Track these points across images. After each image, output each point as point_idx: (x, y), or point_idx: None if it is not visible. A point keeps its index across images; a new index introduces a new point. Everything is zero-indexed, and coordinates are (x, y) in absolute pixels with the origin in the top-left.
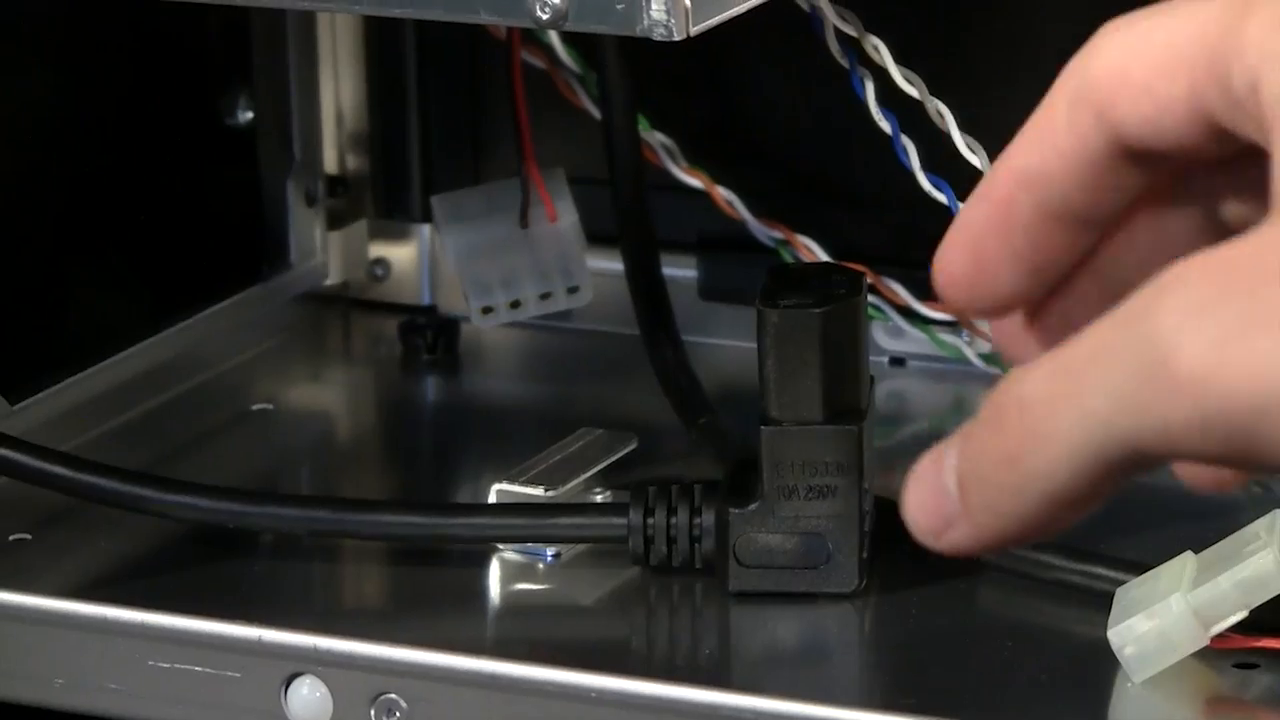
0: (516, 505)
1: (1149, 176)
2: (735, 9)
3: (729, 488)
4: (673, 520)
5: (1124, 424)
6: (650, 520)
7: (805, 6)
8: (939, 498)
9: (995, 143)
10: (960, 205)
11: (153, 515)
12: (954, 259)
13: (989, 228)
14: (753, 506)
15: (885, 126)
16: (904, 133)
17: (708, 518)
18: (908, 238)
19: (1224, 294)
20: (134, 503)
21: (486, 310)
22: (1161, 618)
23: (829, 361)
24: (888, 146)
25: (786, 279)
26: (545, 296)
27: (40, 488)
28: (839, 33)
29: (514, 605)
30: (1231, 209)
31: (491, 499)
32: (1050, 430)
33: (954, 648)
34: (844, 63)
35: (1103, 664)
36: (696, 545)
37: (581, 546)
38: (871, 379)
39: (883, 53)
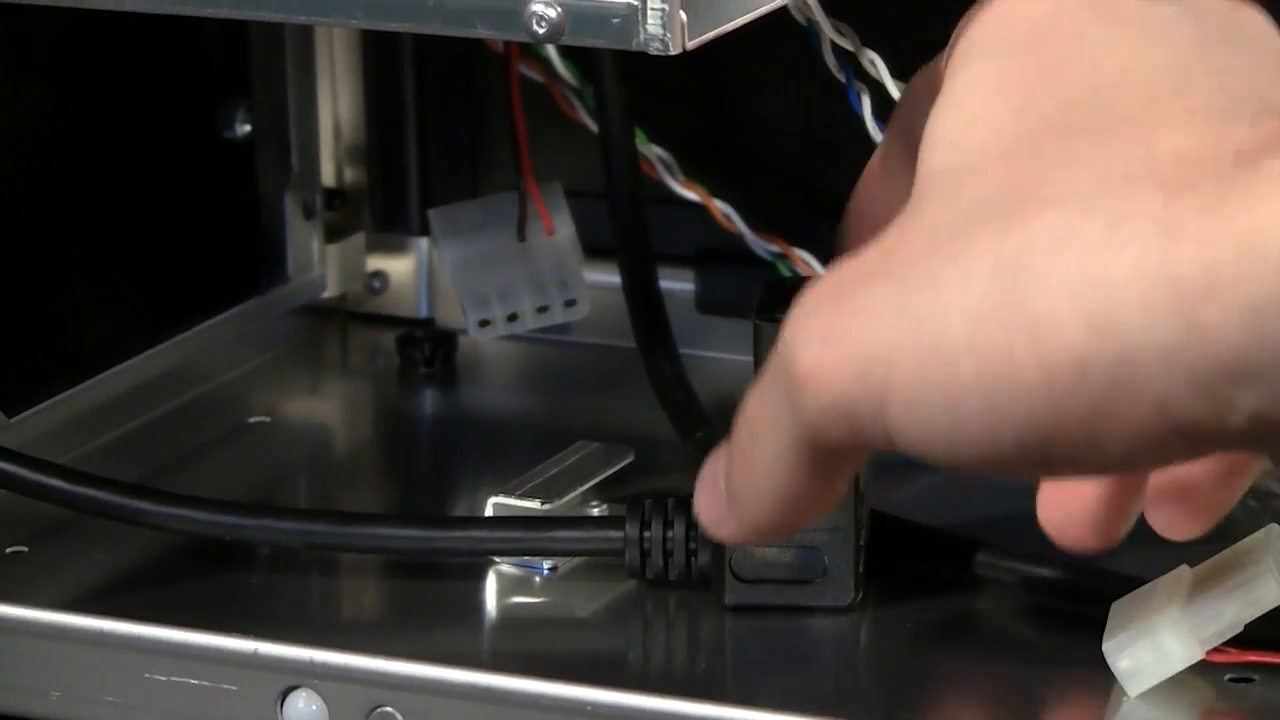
0: (513, 519)
1: None
2: (731, 23)
3: None
4: (669, 534)
5: (791, 427)
6: (646, 534)
7: (802, 20)
8: (715, 495)
9: None
10: None
11: (149, 528)
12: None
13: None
14: None
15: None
16: None
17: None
18: None
19: (826, 300)
20: (131, 516)
21: (484, 323)
22: (1157, 632)
23: None
24: None
25: (782, 292)
26: (542, 310)
27: (37, 500)
28: (836, 47)
29: (510, 618)
30: None
31: (488, 512)
32: (760, 439)
33: (949, 661)
34: (841, 77)
35: (1098, 678)
36: (693, 559)
37: (578, 560)
38: None
39: (880, 67)
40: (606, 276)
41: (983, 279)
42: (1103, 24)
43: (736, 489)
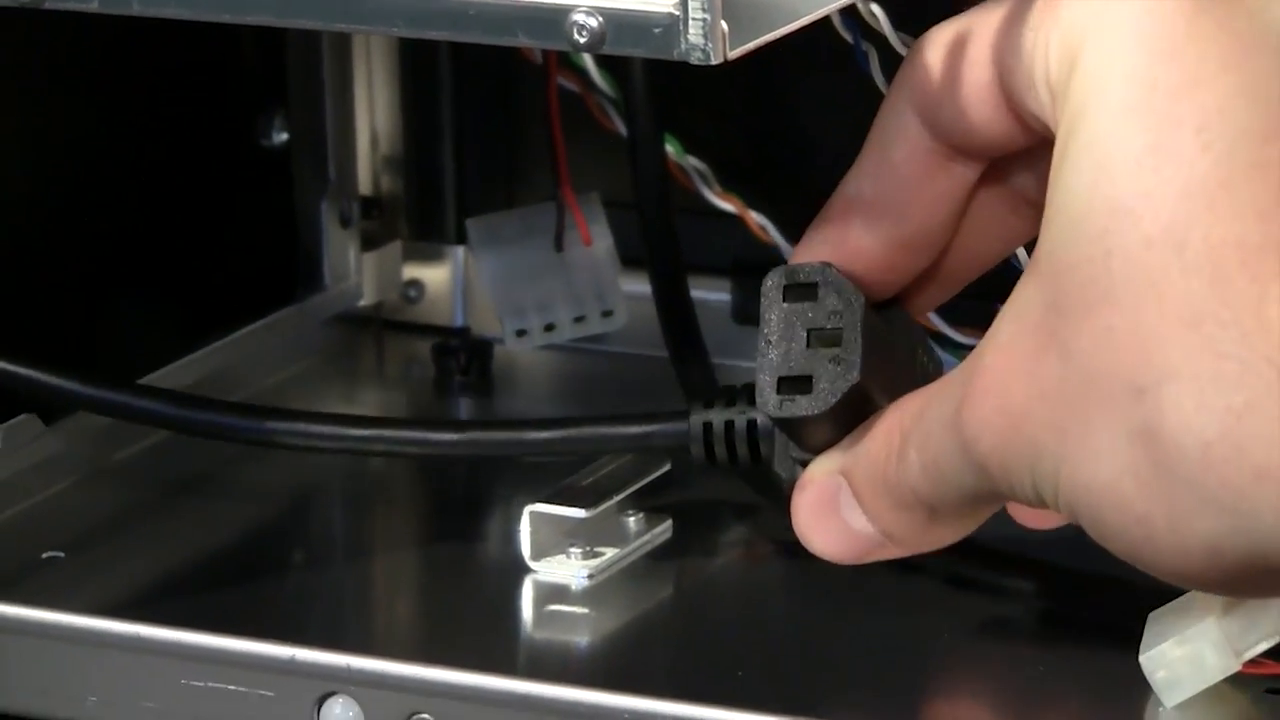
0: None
1: (974, 174)
2: (773, 33)
3: None
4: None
5: (984, 492)
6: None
7: (849, 38)
8: (858, 539)
9: None
10: None
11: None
12: None
13: (826, 254)
14: None
15: None
16: None
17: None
18: None
19: (994, 405)
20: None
21: (520, 333)
22: (1194, 643)
23: None
24: None
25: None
26: (579, 320)
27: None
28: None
29: (547, 625)
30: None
31: (525, 520)
32: (944, 501)
33: (986, 671)
34: (884, 90)
35: (1135, 688)
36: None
37: (615, 569)
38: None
39: None
40: (644, 287)
41: (1124, 440)
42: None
43: (905, 530)
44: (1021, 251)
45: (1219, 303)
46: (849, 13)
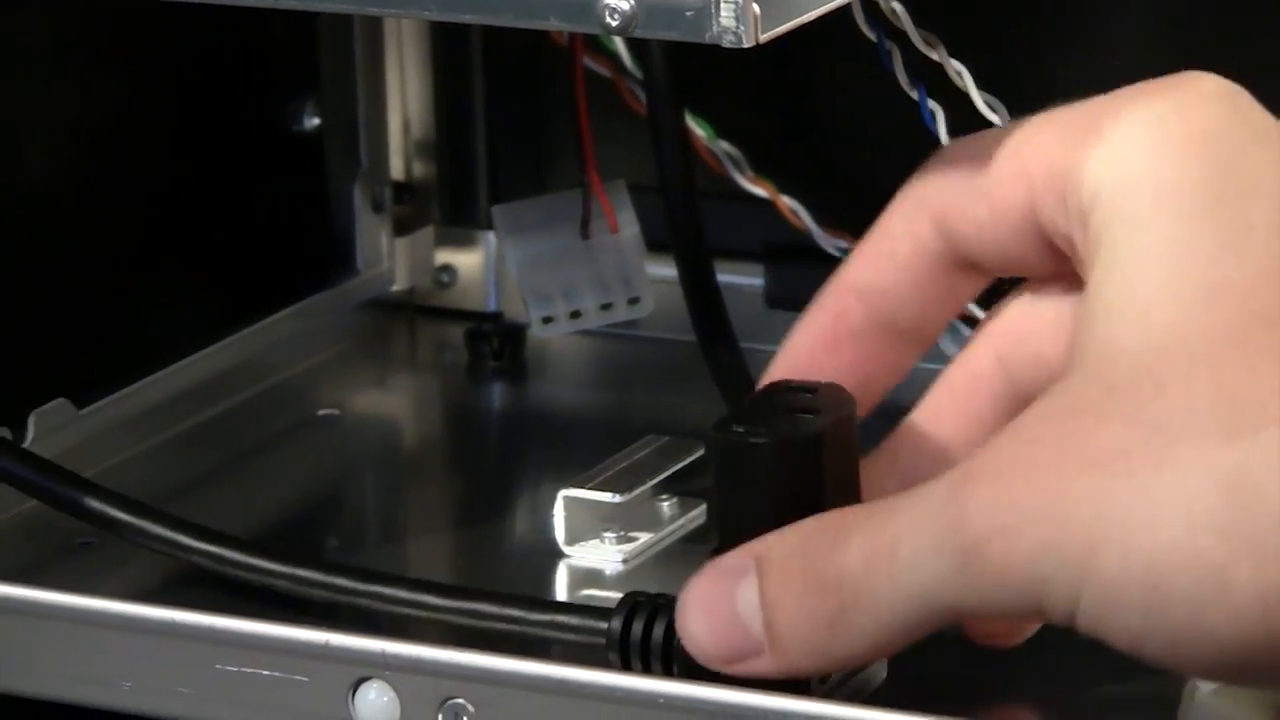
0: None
1: (978, 286)
2: (805, 16)
3: None
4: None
5: (944, 597)
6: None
7: (871, 35)
8: (735, 630)
9: None
10: None
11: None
12: (783, 371)
13: (820, 342)
14: None
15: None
16: None
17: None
18: None
19: (1006, 471)
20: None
21: (547, 320)
22: None
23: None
24: None
25: (750, 411)
26: (606, 307)
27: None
28: (912, 57)
29: None
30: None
31: (559, 505)
32: (872, 601)
33: (1020, 660)
34: (914, 94)
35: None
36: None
37: (650, 552)
38: None
39: (966, 78)
40: (672, 271)
41: (1206, 493)
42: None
43: (808, 640)
44: None
45: None
46: (872, 11)
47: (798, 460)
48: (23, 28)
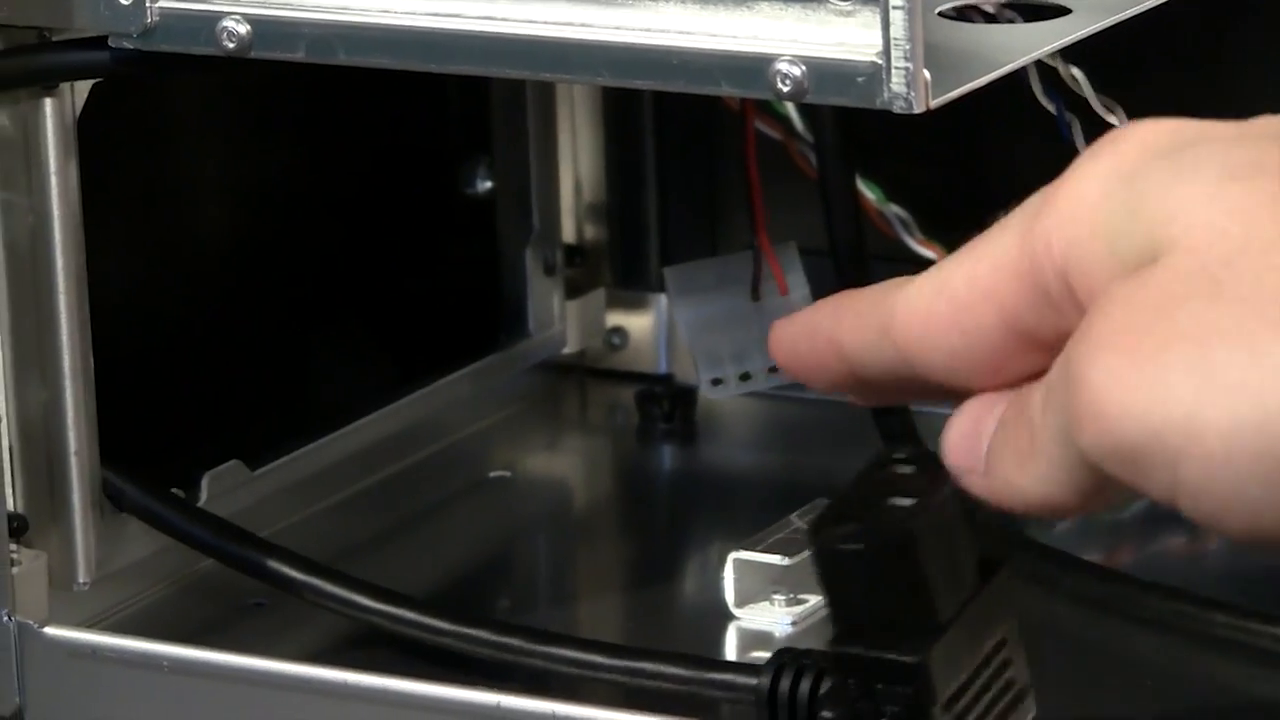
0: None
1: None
2: (976, 82)
3: None
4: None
5: (1070, 452)
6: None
7: (1051, 107)
8: (972, 446)
9: None
10: None
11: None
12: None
13: (812, 363)
14: None
15: None
16: None
17: None
18: None
19: (1121, 336)
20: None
21: (716, 382)
22: None
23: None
24: None
25: (839, 514)
26: (775, 369)
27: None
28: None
29: None
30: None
31: (729, 567)
32: (1040, 447)
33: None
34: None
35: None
36: None
37: (819, 616)
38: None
39: None
40: None
41: None
42: None
43: (1002, 468)
44: None
45: None
46: (1050, 80)
47: (893, 561)
48: (208, 96)
